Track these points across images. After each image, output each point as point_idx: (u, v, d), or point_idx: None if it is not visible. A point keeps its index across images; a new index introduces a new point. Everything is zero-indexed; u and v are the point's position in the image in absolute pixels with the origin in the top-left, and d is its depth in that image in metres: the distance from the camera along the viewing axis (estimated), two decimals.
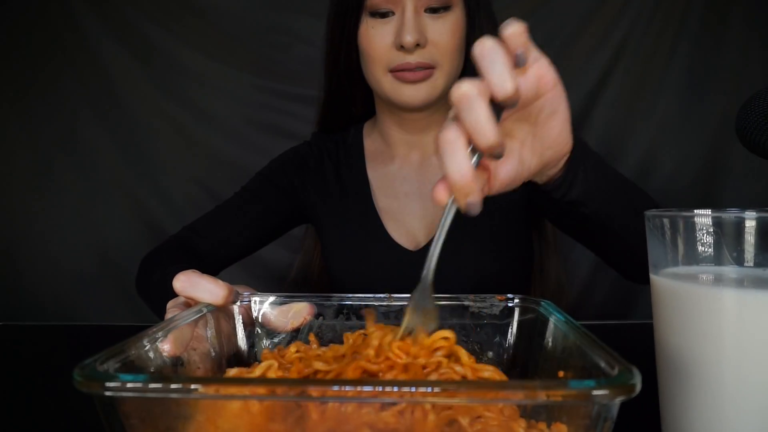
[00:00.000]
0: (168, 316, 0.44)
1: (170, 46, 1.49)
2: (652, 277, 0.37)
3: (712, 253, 0.34)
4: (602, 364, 0.28)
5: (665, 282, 0.35)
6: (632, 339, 0.72)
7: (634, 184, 0.63)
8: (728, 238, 0.34)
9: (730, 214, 0.34)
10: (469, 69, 0.80)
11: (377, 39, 0.72)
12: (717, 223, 0.34)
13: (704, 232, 0.34)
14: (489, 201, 0.84)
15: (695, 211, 0.35)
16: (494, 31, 0.82)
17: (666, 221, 0.36)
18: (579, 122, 1.49)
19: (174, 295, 0.45)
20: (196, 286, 0.43)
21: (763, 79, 1.40)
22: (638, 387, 0.25)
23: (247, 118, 1.52)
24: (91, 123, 1.50)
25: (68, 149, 1.50)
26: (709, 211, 0.34)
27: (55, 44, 1.48)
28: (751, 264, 0.34)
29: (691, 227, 0.35)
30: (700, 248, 0.35)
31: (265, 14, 1.49)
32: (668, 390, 0.35)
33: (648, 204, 0.58)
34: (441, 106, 0.80)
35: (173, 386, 0.26)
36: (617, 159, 1.47)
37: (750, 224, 0.33)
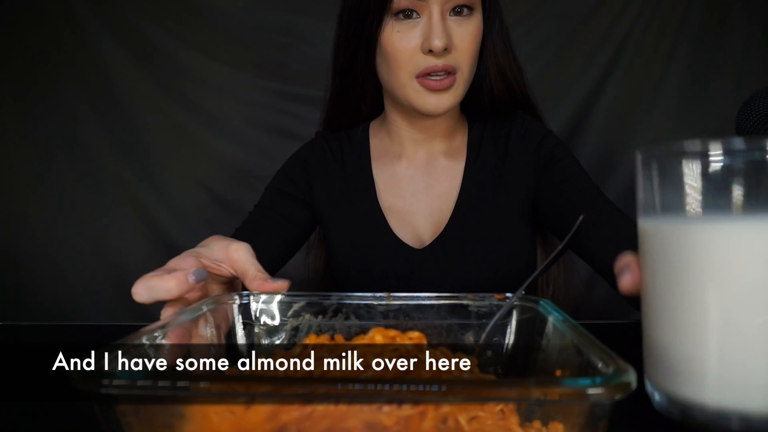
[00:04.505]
0: (164, 315, 0.44)
1: (170, 46, 1.49)
2: (639, 220, 0.36)
3: (700, 198, 0.33)
4: (599, 363, 0.28)
5: (650, 224, 0.34)
6: (633, 339, 0.72)
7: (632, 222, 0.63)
8: (715, 182, 0.33)
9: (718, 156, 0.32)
10: (480, 74, 0.79)
11: (403, 43, 0.71)
12: (705, 167, 0.33)
13: (692, 176, 0.33)
14: (496, 203, 0.82)
15: (684, 149, 0.33)
16: (506, 38, 0.80)
17: (654, 162, 0.35)
18: (579, 122, 1.49)
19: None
20: (153, 291, 0.42)
21: (763, 79, 1.40)
22: (633, 385, 0.25)
23: (247, 118, 1.52)
24: (91, 122, 1.50)
25: (68, 148, 1.50)
26: (698, 149, 0.33)
27: (55, 44, 1.48)
28: (740, 211, 0.32)
29: (678, 170, 0.33)
30: (687, 190, 0.33)
31: (265, 14, 1.49)
32: (652, 320, 0.35)
33: None
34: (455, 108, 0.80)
35: (170, 384, 0.26)
36: (617, 159, 1.47)
37: (739, 168, 0.32)
